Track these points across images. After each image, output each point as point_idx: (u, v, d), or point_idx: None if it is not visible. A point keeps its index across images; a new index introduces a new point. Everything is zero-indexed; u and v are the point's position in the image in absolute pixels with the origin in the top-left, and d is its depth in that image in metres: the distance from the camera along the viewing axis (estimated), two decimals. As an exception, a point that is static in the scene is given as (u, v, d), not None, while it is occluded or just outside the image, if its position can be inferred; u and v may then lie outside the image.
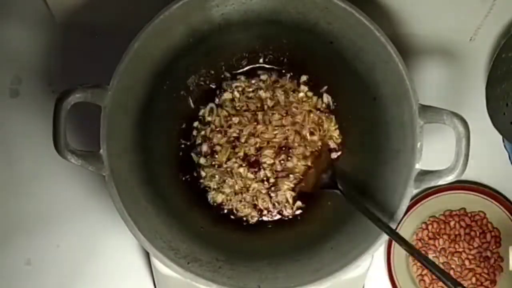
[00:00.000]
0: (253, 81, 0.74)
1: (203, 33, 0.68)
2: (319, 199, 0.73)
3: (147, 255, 0.79)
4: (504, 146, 0.80)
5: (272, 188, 0.72)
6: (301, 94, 0.73)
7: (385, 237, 0.62)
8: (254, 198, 0.71)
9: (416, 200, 0.80)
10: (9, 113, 0.82)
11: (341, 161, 0.73)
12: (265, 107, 0.72)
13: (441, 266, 0.80)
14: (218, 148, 0.72)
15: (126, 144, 0.65)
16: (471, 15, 0.79)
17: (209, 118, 0.73)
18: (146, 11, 0.64)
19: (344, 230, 0.66)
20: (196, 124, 0.73)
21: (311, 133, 0.72)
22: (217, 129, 0.72)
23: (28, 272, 0.80)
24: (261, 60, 0.74)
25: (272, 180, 0.71)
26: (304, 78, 0.73)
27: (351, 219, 0.66)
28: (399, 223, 0.64)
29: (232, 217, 0.72)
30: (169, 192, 0.69)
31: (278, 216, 0.72)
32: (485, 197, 0.80)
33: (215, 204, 0.72)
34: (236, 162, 0.71)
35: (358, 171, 0.71)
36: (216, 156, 0.72)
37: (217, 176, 0.71)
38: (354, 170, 0.72)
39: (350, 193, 0.66)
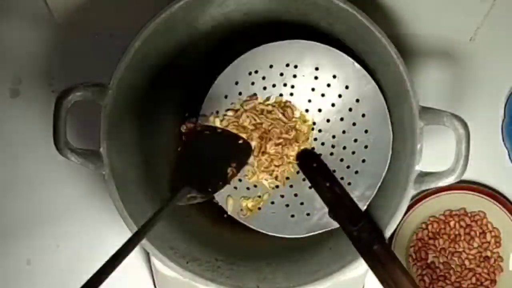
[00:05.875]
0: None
1: (204, 32, 0.68)
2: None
3: (147, 255, 0.79)
4: (504, 144, 0.80)
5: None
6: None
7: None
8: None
9: (416, 200, 0.80)
10: (9, 113, 0.82)
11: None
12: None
13: (441, 266, 0.80)
14: None
15: (126, 143, 0.65)
16: (471, 15, 0.79)
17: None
18: (146, 11, 0.64)
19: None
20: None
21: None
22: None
23: (28, 272, 0.80)
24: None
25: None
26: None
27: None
28: (399, 223, 0.64)
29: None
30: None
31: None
32: (485, 197, 0.80)
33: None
34: None
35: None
36: None
37: None
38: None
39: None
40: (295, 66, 0.67)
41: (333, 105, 0.67)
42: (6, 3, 0.83)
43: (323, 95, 0.68)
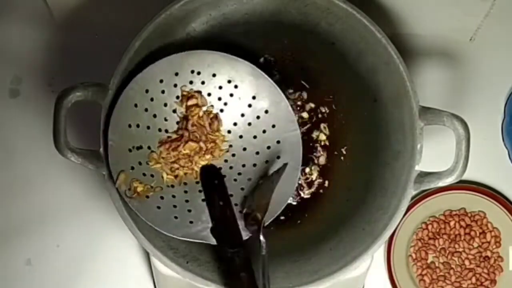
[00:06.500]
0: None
1: (204, 32, 0.68)
2: (318, 201, 0.73)
3: (147, 255, 0.79)
4: (504, 144, 0.81)
5: None
6: None
7: (384, 238, 0.62)
8: None
9: (416, 200, 0.80)
10: (9, 113, 0.82)
11: (342, 162, 0.74)
12: None
13: (441, 266, 0.80)
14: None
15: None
16: (471, 15, 0.79)
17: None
18: (146, 11, 0.64)
19: (343, 231, 0.66)
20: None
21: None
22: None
23: (28, 272, 0.80)
24: (261, 60, 0.74)
25: None
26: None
27: (350, 220, 0.67)
28: (399, 224, 0.64)
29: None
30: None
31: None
32: (485, 197, 0.80)
33: None
34: None
35: (358, 172, 0.71)
36: None
37: None
38: (354, 171, 0.72)
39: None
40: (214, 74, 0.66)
41: (255, 137, 0.67)
42: (6, 3, 0.83)
43: (249, 124, 0.67)
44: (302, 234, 0.71)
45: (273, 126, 0.66)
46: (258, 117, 0.67)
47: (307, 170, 0.74)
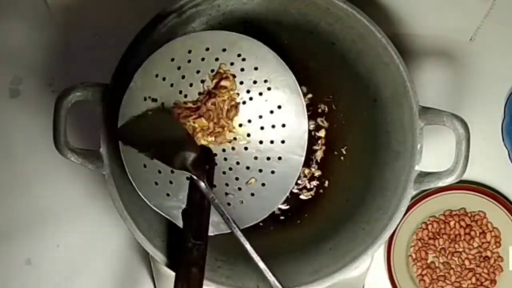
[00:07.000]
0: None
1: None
2: (318, 201, 0.73)
3: (147, 255, 0.79)
4: (504, 144, 0.80)
5: None
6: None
7: (384, 238, 0.62)
8: None
9: (416, 200, 0.80)
10: (9, 113, 0.82)
11: (341, 161, 0.74)
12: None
13: (441, 266, 0.80)
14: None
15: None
16: (471, 15, 0.79)
17: None
18: (146, 11, 0.64)
19: (343, 231, 0.66)
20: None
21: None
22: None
23: (28, 272, 0.80)
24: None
25: None
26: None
27: (350, 220, 0.67)
28: (399, 224, 0.64)
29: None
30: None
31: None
32: (485, 197, 0.80)
33: None
34: None
35: (358, 172, 0.71)
36: None
37: None
38: (354, 171, 0.72)
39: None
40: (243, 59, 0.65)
41: (261, 142, 0.66)
42: (6, 3, 0.83)
43: (262, 128, 0.66)
44: (302, 234, 0.71)
45: (283, 142, 0.66)
46: (273, 126, 0.66)
47: (307, 171, 0.74)
